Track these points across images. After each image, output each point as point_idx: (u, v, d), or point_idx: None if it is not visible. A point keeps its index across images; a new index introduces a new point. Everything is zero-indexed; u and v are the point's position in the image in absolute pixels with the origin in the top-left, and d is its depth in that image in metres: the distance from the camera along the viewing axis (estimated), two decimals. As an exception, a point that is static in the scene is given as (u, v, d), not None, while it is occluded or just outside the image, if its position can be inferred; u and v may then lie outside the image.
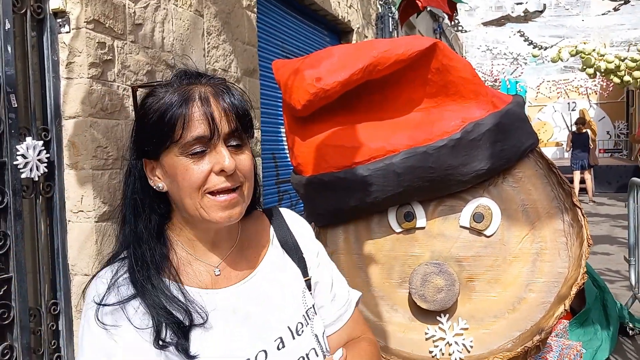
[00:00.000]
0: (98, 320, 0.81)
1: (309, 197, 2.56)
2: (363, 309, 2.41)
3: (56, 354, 2.68)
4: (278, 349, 0.88)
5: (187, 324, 0.83)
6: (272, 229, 1.04)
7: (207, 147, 0.84)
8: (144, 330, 0.82)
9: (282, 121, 2.62)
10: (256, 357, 0.61)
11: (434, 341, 2.32)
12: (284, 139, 2.67)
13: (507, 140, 2.27)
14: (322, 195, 2.46)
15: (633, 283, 4.16)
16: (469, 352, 2.26)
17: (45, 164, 2.58)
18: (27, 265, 2.51)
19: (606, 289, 3.97)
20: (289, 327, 0.92)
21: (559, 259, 2.28)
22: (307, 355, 0.91)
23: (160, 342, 0.81)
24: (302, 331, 0.93)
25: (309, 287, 1.00)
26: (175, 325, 0.82)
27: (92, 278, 0.88)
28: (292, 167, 2.72)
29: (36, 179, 2.55)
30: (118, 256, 0.91)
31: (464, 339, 2.27)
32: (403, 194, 2.32)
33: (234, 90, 0.89)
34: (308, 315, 0.96)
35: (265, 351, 0.85)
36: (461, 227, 2.39)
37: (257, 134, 4.65)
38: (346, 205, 2.41)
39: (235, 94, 0.89)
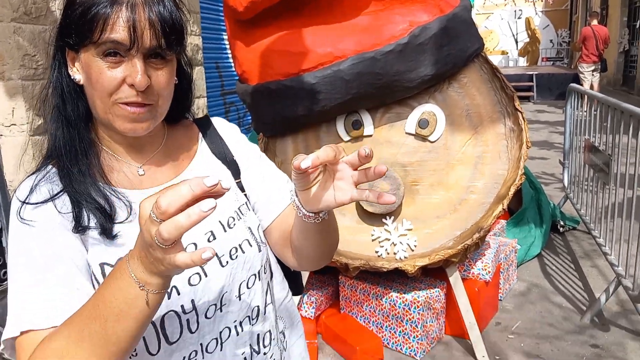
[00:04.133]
0: (20, 217, 0.79)
1: (255, 107, 2.51)
2: (312, 215, 2.47)
3: (2, 270, 2.64)
4: (209, 241, 0.89)
5: (109, 211, 0.82)
6: (200, 134, 1.01)
7: (125, 55, 0.79)
8: (67, 214, 0.81)
9: (225, 27, 2.49)
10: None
11: (379, 242, 2.42)
12: (228, 46, 2.55)
13: (453, 45, 2.26)
14: (269, 104, 2.42)
15: (566, 184, 4.43)
16: (412, 250, 2.38)
17: (-32, 75, 2.39)
18: (-40, 183, 2.39)
19: (541, 190, 4.22)
20: (220, 221, 0.92)
21: (500, 161, 2.37)
22: (240, 245, 0.92)
23: (81, 226, 0.80)
24: (234, 224, 0.93)
25: (242, 189, 1.00)
26: (98, 211, 0.81)
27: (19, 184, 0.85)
28: (237, 76, 2.64)
29: (-41, 91, 2.37)
30: (47, 163, 0.87)
31: (408, 239, 2.39)
32: (351, 102, 2.31)
33: (168, 0, 0.83)
34: (240, 211, 0.96)
35: (195, 244, 0.86)
36: (407, 133, 2.43)
37: (198, 41, 4.42)
38: (294, 114, 2.38)
39: (169, 4, 0.82)
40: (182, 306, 0.83)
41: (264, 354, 0.96)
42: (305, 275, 2.66)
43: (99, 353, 0.66)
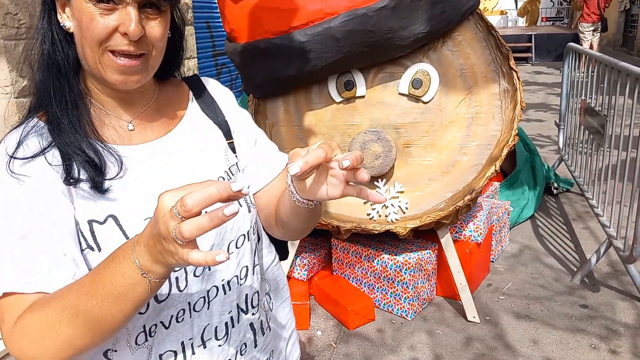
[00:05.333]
0: (9, 170, 0.76)
1: (245, 67, 2.44)
2: (304, 177, 2.44)
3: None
4: None
5: (100, 165, 0.80)
6: (191, 93, 0.98)
7: (119, 2, 0.75)
8: (57, 167, 0.78)
9: (213, -18, 2.41)
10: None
11: (371, 204, 2.41)
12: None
13: (447, 1, 2.19)
14: (258, 63, 2.35)
15: (561, 146, 4.40)
16: (404, 213, 2.37)
17: (-53, 34, 2.31)
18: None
19: (536, 152, 4.20)
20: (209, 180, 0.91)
21: (493, 122, 2.34)
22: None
23: (72, 179, 0.77)
24: None
25: (233, 150, 0.98)
26: (89, 164, 0.79)
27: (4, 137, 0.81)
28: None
29: (-62, 50, 2.30)
30: (33, 116, 0.84)
31: (399, 202, 2.37)
32: (343, 61, 2.25)
33: None
34: (231, 171, 0.95)
35: None
36: (400, 94, 2.38)
37: (189, -1, 4.30)
38: (284, 74, 2.33)
39: None
40: None
41: (252, 314, 0.95)
42: (297, 238, 2.65)
43: (92, 329, 0.67)
